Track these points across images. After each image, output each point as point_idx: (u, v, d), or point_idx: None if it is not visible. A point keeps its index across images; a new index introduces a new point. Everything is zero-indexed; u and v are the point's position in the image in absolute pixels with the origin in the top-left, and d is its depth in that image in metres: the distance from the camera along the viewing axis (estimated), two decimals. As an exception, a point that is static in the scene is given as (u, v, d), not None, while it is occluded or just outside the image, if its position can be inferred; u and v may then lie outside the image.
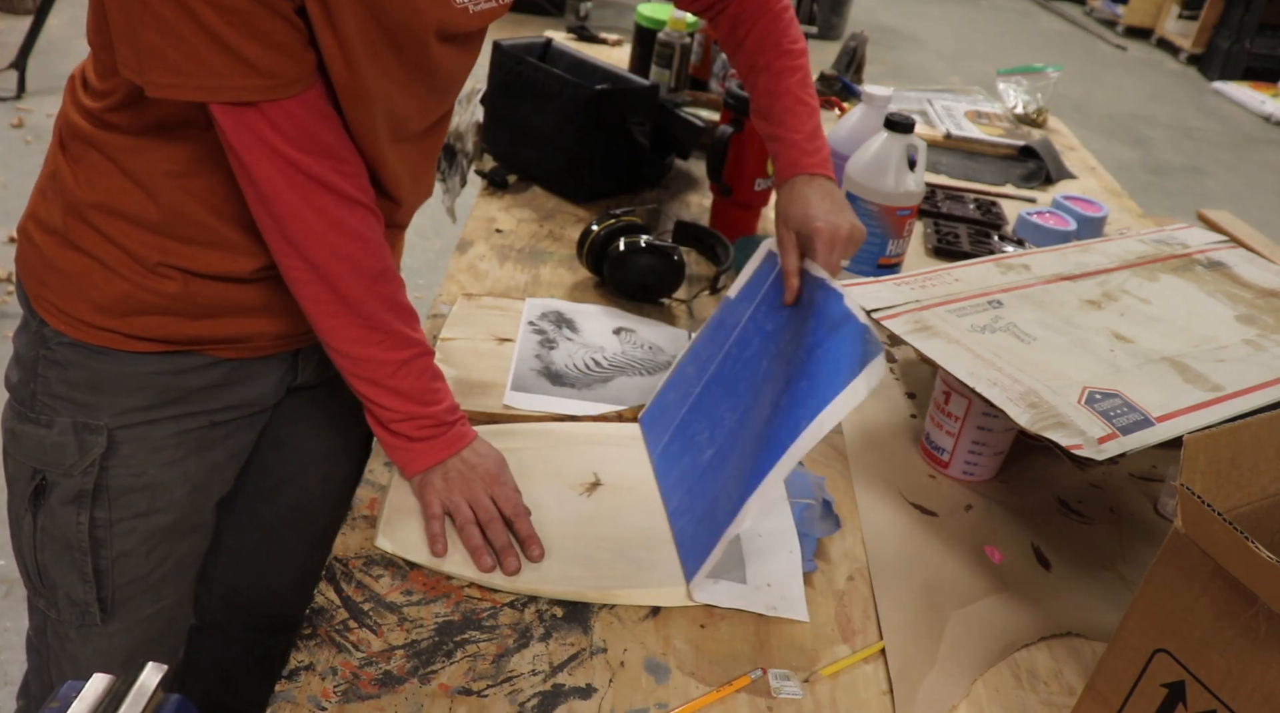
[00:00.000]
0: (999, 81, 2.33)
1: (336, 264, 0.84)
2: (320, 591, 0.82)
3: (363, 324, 0.86)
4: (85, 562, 0.94)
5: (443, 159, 1.74)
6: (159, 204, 0.85)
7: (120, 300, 0.88)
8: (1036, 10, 8.25)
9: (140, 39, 0.72)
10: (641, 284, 1.27)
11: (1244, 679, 0.63)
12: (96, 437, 0.91)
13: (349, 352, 0.87)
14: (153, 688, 0.59)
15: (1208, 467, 0.67)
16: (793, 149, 1.04)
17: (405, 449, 0.90)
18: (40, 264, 0.89)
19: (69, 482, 0.92)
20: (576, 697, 0.76)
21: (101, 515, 0.93)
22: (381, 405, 0.89)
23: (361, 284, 0.85)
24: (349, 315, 0.86)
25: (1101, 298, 1.13)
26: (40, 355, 0.90)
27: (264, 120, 0.77)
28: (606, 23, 5.04)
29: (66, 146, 0.87)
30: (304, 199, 0.81)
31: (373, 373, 0.88)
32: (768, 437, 0.83)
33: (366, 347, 0.87)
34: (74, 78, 0.88)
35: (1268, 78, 6.59)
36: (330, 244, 0.83)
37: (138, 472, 0.93)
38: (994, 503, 1.04)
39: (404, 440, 0.90)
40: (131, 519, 0.95)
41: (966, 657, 0.84)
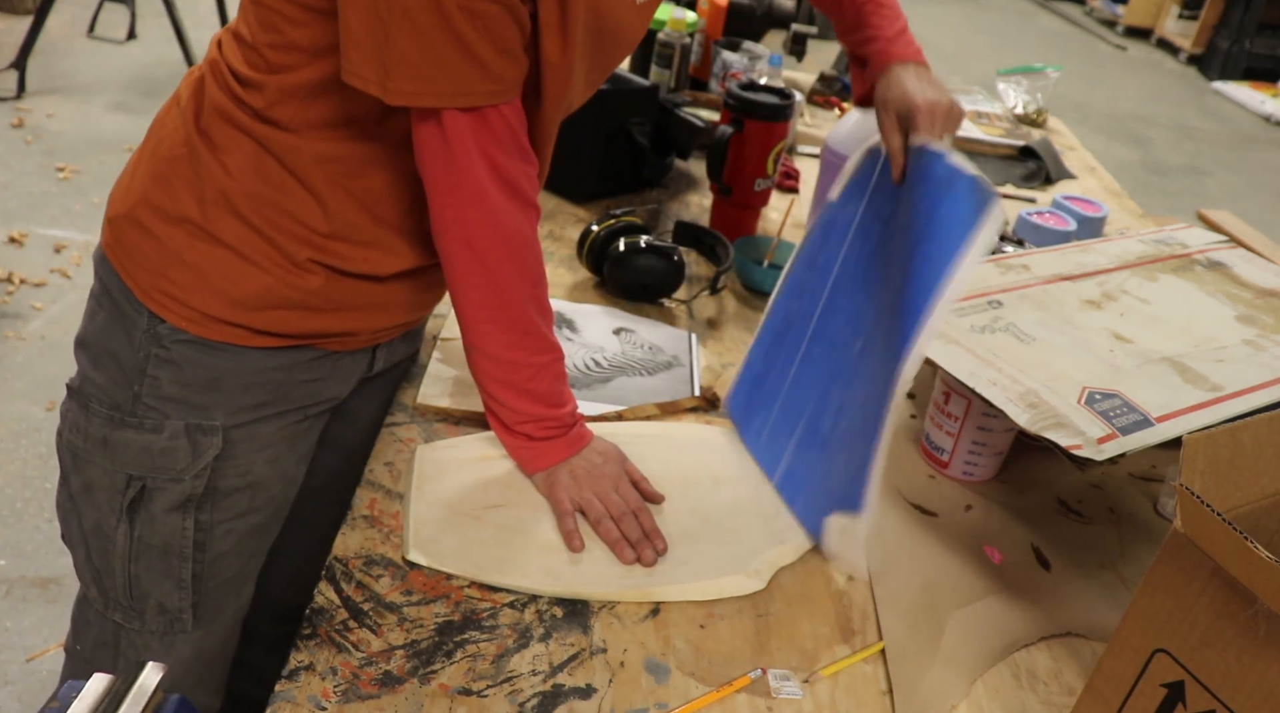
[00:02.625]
0: (999, 81, 2.33)
1: (511, 270, 0.85)
2: (320, 590, 0.82)
3: (518, 328, 0.87)
4: (185, 568, 0.92)
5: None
6: (320, 201, 0.84)
7: (259, 294, 0.85)
8: (1036, 10, 8.25)
9: (393, 48, 0.73)
10: (641, 284, 1.28)
11: (1243, 679, 0.63)
12: (211, 438, 0.88)
13: (498, 355, 0.88)
14: (153, 688, 0.59)
15: (1207, 467, 0.67)
16: (883, 43, 1.05)
17: (528, 448, 0.92)
18: (160, 257, 0.84)
19: (177, 487, 0.89)
20: (576, 697, 0.76)
21: (205, 518, 0.92)
22: (511, 407, 0.90)
23: (526, 290, 0.87)
24: (507, 320, 0.87)
25: (1101, 298, 1.13)
26: (151, 354, 0.86)
27: (484, 125, 0.78)
28: (606, 23, 5.03)
29: (209, 133, 0.83)
30: (501, 204, 0.82)
31: (513, 376, 0.89)
32: (906, 304, 0.83)
33: (515, 350, 0.88)
34: (218, 66, 0.84)
35: (1268, 78, 6.59)
36: (511, 249, 0.84)
37: (244, 471, 0.92)
38: (994, 503, 1.04)
39: (525, 440, 0.92)
40: (231, 520, 0.93)
41: (966, 657, 0.84)
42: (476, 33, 0.73)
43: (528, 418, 0.91)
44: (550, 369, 0.91)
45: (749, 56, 1.85)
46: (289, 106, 0.80)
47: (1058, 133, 2.24)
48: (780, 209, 1.59)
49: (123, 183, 0.89)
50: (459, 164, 0.79)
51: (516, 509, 0.92)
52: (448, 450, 0.98)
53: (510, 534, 0.89)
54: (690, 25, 1.83)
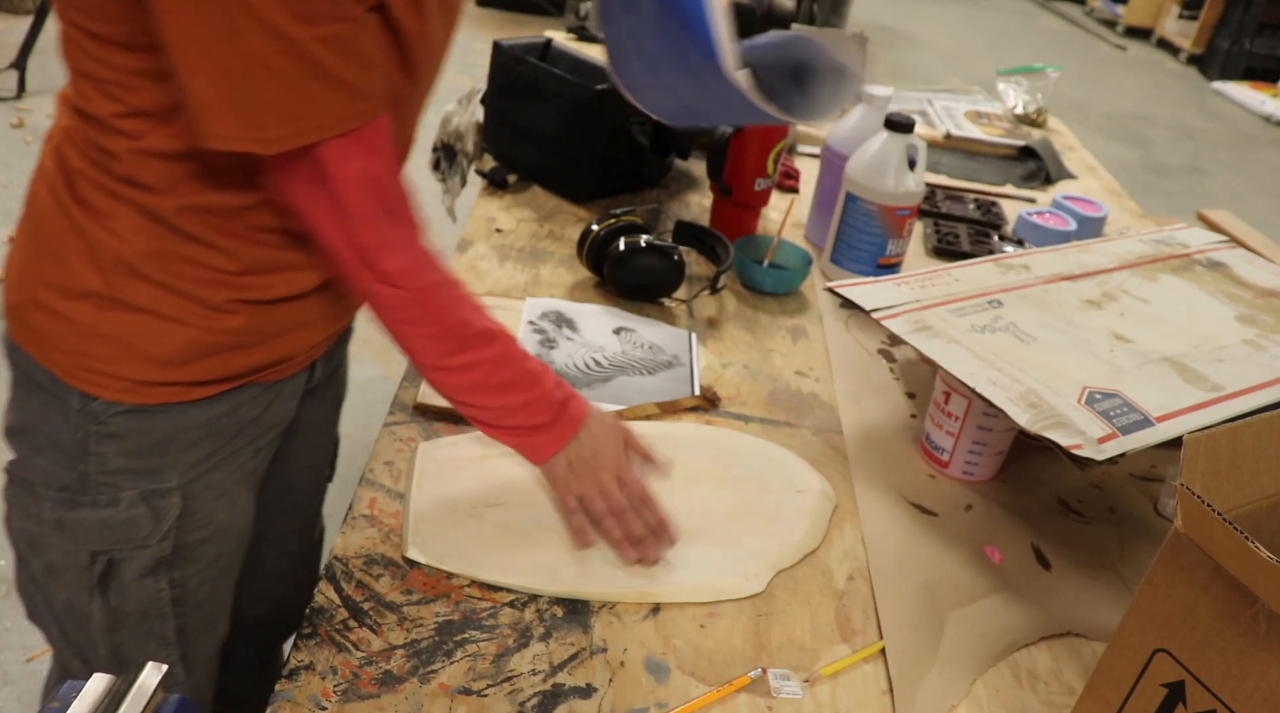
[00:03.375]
0: (999, 82, 2.33)
1: (424, 280, 0.81)
2: (320, 590, 0.82)
3: (453, 335, 0.83)
4: (168, 626, 0.92)
5: (443, 159, 1.74)
6: (218, 247, 0.80)
7: (186, 349, 0.83)
8: (1036, 10, 8.25)
9: (255, 100, 0.68)
10: (641, 284, 1.28)
11: (1244, 679, 0.63)
12: (170, 500, 0.87)
13: (445, 364, 0.84)
14: (153, 688, 0.59)
15: (1208, 467, 0.67)
16: None
17: (526, 442, 0.88)
18: (75, 336, 0.81)
19: (145, 553, 0.87)
20: (576, 697, 0.76)
21: (179, 575, 0.90)
22: (487, 407, 0.86)
23: (443, 295, 0.82)
24: (439, 332, 0.83)
25: (1101, 298, 1.13)
26: (90, 433, 0.83)
27: (361, 146, 0.74)
28: (606, 23, 5.03)
29: (87, 202, 0.78)
30: (393, 222, 0.78)
31: (471, 377, 0.84)
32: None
33: (460, 355, 0.83)
34: (72, 134, 0.79)
35: (1268, 78, 6.59)
36: (416, 260, 0.80)
37: (207, 521, 0.91)
38: (994, 503, 1.04)
39: (519, 433, 0.87)
40: (204, 569, 0.93)
41: (966, 657, 0.84)
42: (337, 57, 0.69)
43: (509, 409, 0.86)
44: (505, 357, 0.85)
45: (749, 56, 1.84)
46: (153, 170, 0.76)
47: (1058, 133, 2.24)
48: (780, 209, 1.59)
49: (12, 269, 0.83)
50: (343, 193, 0.74)
51: (517, 508, 0.92)
52: (448, 449, 0.98)
53: (510, 533, 0.89)
54: (690, 25, 1.83)
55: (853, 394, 1.18)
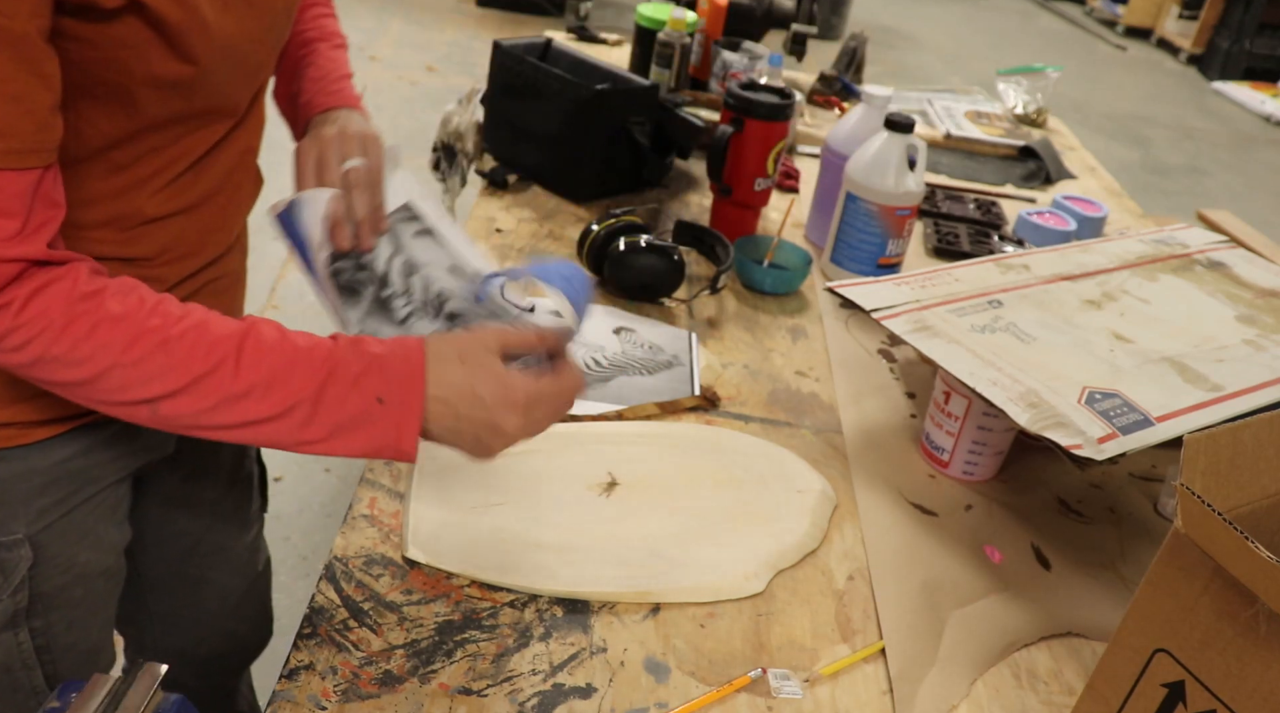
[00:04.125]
0: (999, 82, 2.33)
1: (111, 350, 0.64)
2: (320, 590, 0.82)
3: (180, 375, 0.65)
4: (35, 676, 0.86)
5: (443, 159, 1.74)
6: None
7: (8, 386, 0.75)
8: (1036, 10, 8.25)
9: None
10: (641, 284, 1.28)
11: (1244, 679, 0.63)
12: (17, 552, 0.80)
13: (144, 395, 0.65)
14: (153, 688, 0.59)
15: (1208, 467, 0.67)
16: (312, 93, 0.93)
17: (367, 444, 0.67)
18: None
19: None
20: (576, 697, 0.76)
21: (39, 624, 0.84)
22: (274, 418, 0.66)
23: (143, 346, 0.64)
24: (105, 361, 0.64)
25: (1101, 298, 1.13)
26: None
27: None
28: (606, 23, 5.04)
29: None
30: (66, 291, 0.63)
31: (211, 397, 0.65)
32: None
33: (202, 389, 0.65)
34: None
35: (1268, 78, 6.60)
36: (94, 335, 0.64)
37: (67, 567, 0.85)
38: (994, 503, 1.04)
39: (346, 437, 0.67)
40: (69, 612, 0.87)
41: (966, 657, 0.84)
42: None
43: (301, 399, 0.66)
44: (244, 353, 0.65)
45: (749, 56, 1.85)
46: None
47: (1058, 133, 2.24)
48: (780, 209, 1.59)
49: None
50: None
51: (517, 508, 0.92)
52: (448, 449, 0.98)
53: (510, 533, 0.89)
54: (690, 25, 1.83)
55: (853, 394, 1.18)
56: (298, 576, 1.97)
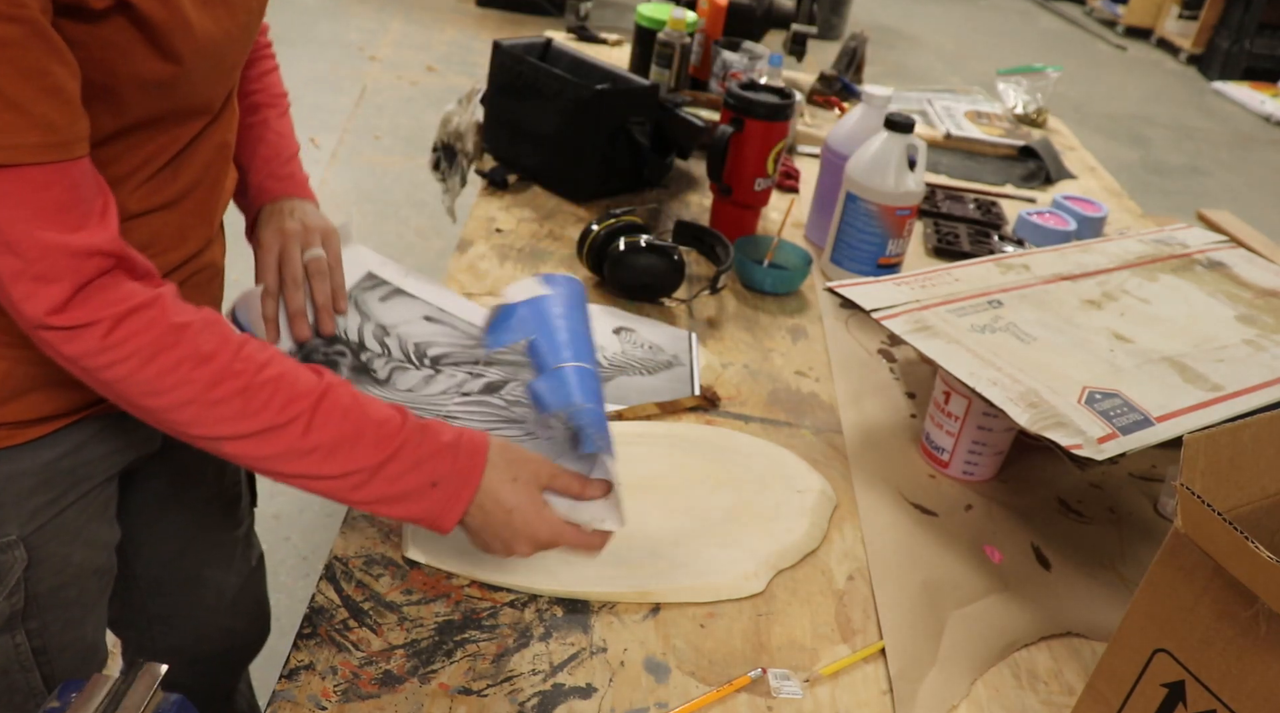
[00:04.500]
0: (999, 81, 2.33)
1: (128, 330, 0.65)
2: (320, 590, 0.82)
3: (246, 410, 0.67)
4: (33, 677, 0.86)
5: (443, 159, 1.74)
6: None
7: (1, 383, 0.75)
8: (1036, 10, 8.25)
9: None
10: (641, 284, 1.28)
11: (1244, 679, 0.63)
12: (12, 553, 0.80)
13: (225, 433, 0.67)
14: (153, 688, 0.59)
15: (1208, 467, 0.67)
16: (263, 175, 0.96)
17: (413, 514, 0.73)
18: None
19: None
20: (576, 697, 0.76)
21: (35, 625, 0.85)
22: (330, 478, 0.69)
23: (215, 368, 0.66)
24: (195, 388, 0.66)
25: (1101, 298, 1.13)
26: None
27: (30, 186, 0.61)
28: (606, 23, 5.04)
29: None
30: (42, 281, 0.62)
31: (280, 445, 0.68)
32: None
33: (273, 436, 0.68)
34: None
35: (1268, 78, 6.59)
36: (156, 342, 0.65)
37: (61, 568, 0.85)
38: (994, 503, 1.04)
39: (395, 500, 0.71)
40: (65, 612, 0.87)
41: (966, 657, 0.84)
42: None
43: (361, 468, 0.69)
44: (318, 413, 0.68)
45: (749, 56, 1.85)
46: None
47: (1058, 133, 2.24)
48: (780, 209, 1.59)
49: None
50: (19, 241, 0.60)
51: (516, 509, 0.91)
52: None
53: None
54: (690, 25, 1.83)
55: (853, 394, 1.18)
56: (298, 576, 1.97)
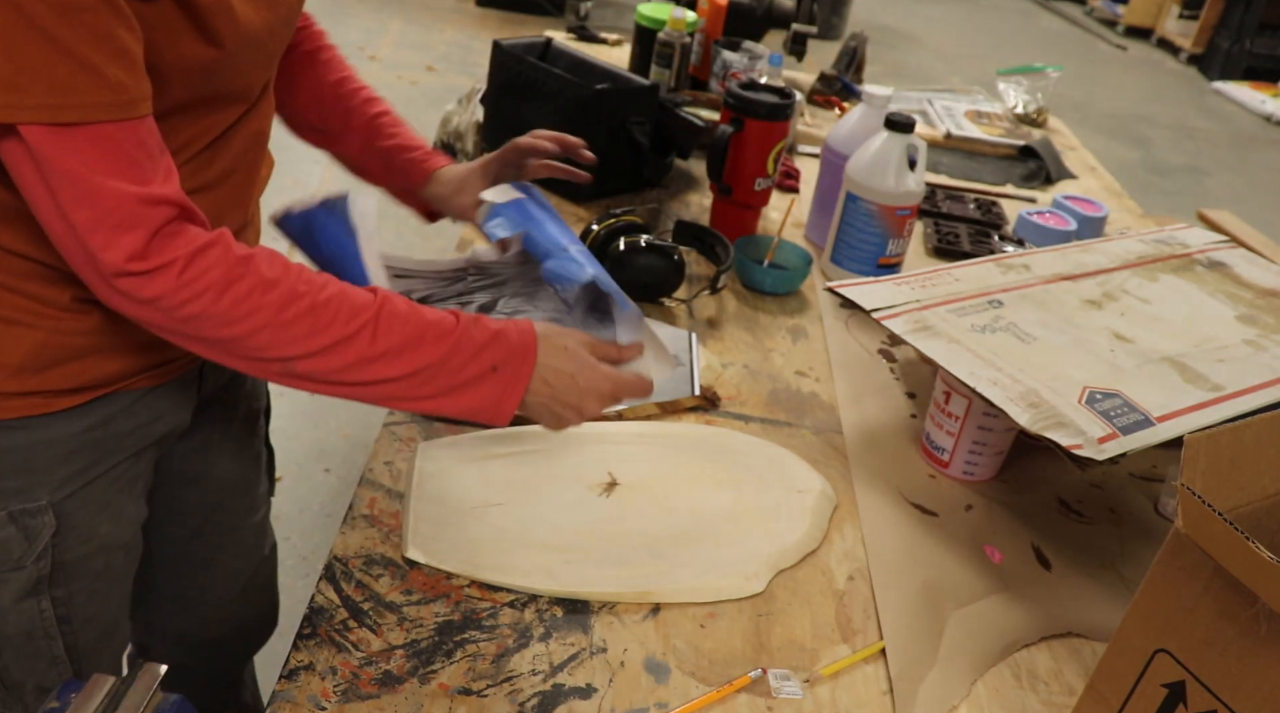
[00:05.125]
0: (999, 81, 2.33)
1: (201, 285, 0.69)
2: (320, 590, 0.82)
3: (295, 313, 0.71)
4: (56, 645, 0.88)
5: (443, 159, 1.74)
6: (42, 239, 0.72)
7: (37, 353, 0.78)
8: (1036, 10, 8.25)
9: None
10: (641, 284, 1.27)
11: (1244, 679, 0.63)
12: (41, 519, 0.82)
13: (299, 351, 0.72)
14: (153, 688, 0.59)
15: (1208, 467, 0.67)
16: (422, 152, 1.05)
17: (473, 407, 0.77)
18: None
19: (20, 575, 0.83)
20: (576, 697, 0.75)
21: (61, 593, 0.87)
22: (391, 381, 0.74)
23: (277, 291, 0.70)
24: (266, 315, 0.70)
25: (1102, 298, 1.13)
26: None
27: (104, 144, 0.64)
28: (606, 23, 5.04)
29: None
30: (121, 230, 0.66)
31: (350, 356, 0.73)
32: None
33: (319, 334, 0.71)
34: None
35: (1268, 78, 6.59)
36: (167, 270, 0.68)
37: (88, 537, 0.87)
38: (994, 503, 1.04)
39: (456, 398, 0.76)
40: (90, 584, 0.89)
41: (966, 657, 0.84)
42: (74, 32, 0.60)
43: (425, 374, 0.74)
44: (387, 316, 0.73)
45: (749, 56, 1.85)
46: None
47: (1058, 133, 2.24)
48: (780, 209, 1.59)
49: None
50: (95, 193, 0.64)
51: (516, 508, 0.92)
52: (448, 449, 0.98)
53: (510, 533, 0.89)
54: (690, 25, 1.83)
55: (853, 394, 1.18)
56: (298, 576, 1.97)
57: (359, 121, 1.03)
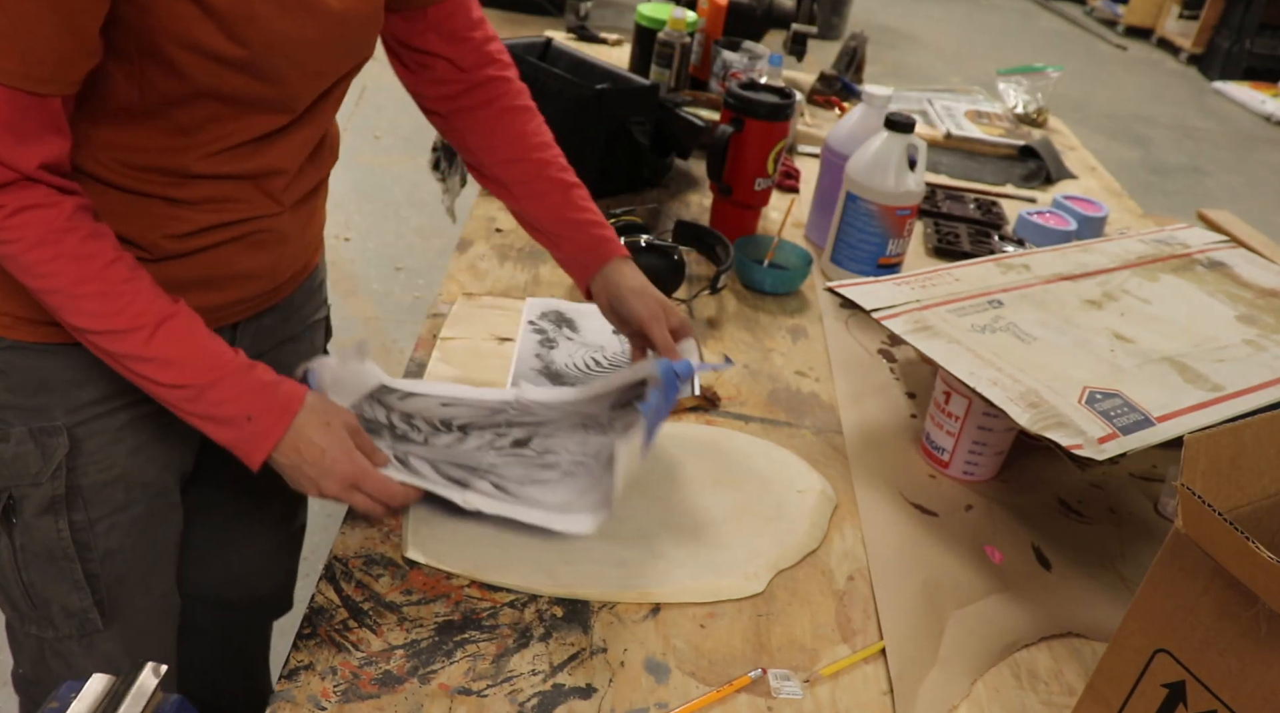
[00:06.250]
0: (999, 81, 2.33)
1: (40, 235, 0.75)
2: (320, 590, 0.82)
3: (109, 324, 0.77)
4: (75, 569, 0.92)
5: (443, 159, 1.74)
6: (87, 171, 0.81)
7: None
8: (1036, 10, 8.25)
9: None
10: (641, 284, 1.27)
11: (1244, 679, 0.63)
12: (56, 439, 0.88)
13: (92, 326, 0.78)
14: (152, 688, 0.59)
15: (1208, 467, 0.67)
16: (605, 229, 1.03)
17: (229, 439, 0.81)
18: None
19: (39, 491, 0.89)
20: (576, 697, 0.75)
21: (79, 518, 0.91)
22: (167, 387, 0.79)
23: (91, 257, 0.77)
24: (78, 284, 0.77)
25: (1102, 298, 1.13)
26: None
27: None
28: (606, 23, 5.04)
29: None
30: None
31: (129, 346, 0.78)
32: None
33: (120, 338, 0.78)
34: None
35: (1268, 77, 6.59)
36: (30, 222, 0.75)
37: (106, 465, 0.91)
38: (994, 503, 1.04)
39: (216, 422, 0.81)
40: (111, 515, 0.93)
41: (966, 657, 0.84)
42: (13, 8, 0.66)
43: (189, 385, 0.79)
44: (160, 330, 0.78)
45: (749, 56, 1.84)
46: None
47: (1058, 132, 2.24)
48: (780, 209, 1.58)
49: None
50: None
51: (516, 509, 0.91)
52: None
53: (510, 533, 0.89)
54: (690, 25, 1.83)
55: (853, 394, 1.18)
56: (298, 575, 1.97)
57: (549, 189, 1.02)
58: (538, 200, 1.02)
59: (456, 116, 1.03)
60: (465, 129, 1.03)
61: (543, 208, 1.02)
